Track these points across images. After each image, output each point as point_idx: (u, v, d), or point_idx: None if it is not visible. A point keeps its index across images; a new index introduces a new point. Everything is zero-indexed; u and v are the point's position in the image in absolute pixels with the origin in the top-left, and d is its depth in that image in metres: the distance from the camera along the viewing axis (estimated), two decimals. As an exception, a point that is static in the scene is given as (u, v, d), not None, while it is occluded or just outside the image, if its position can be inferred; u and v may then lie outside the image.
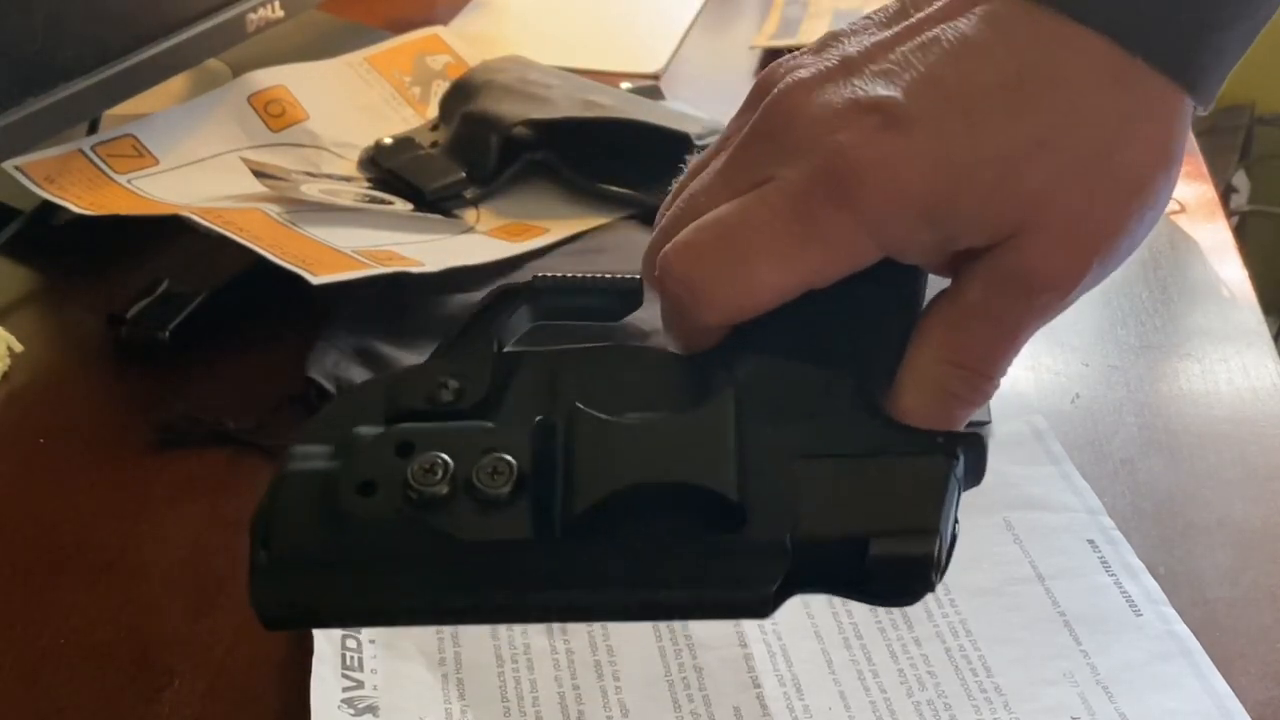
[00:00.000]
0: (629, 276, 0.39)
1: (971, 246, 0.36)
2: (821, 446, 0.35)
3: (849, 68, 0.36)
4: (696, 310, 0.36)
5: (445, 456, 0.34)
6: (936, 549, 0.34)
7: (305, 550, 0.34)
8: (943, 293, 0.37)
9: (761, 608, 0.34)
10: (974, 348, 0.37)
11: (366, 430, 0.35)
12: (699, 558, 0.34)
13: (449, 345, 0.38)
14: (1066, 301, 0.36)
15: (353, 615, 0.36)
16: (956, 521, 0.35)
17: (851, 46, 0.37)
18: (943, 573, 0.35)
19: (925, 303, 0.38)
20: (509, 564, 0.34)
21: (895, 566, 0.34)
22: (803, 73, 0.37)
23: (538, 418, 0.35)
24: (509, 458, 0.34)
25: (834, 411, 0.36)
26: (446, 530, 0.34)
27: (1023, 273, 0.35)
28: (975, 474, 0.36)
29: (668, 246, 0.37)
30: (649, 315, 0.40)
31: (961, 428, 0.37)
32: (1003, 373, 0.37)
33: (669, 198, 0.40)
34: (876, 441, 0.35)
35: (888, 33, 0.37)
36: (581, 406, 0.35)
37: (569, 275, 0.39)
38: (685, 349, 0.38)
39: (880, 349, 0.37)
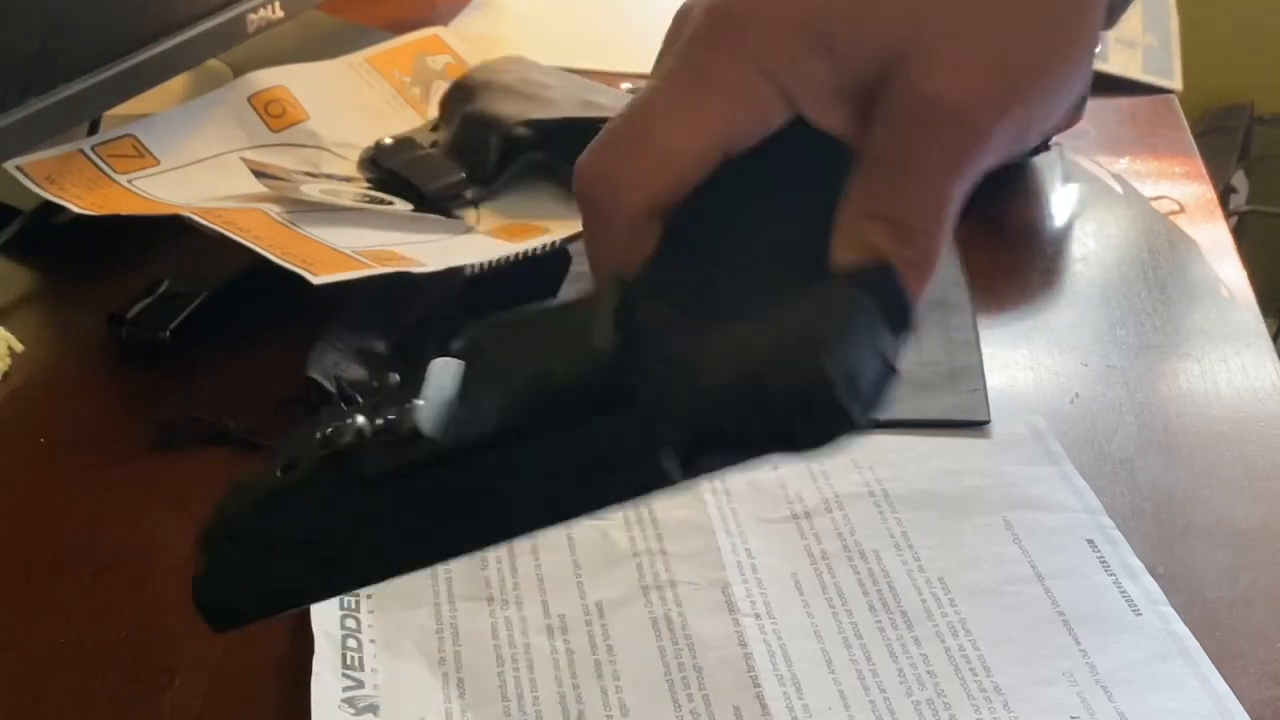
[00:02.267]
0: (551, 240, 0.40)
1: (867, 84, 0.34)
2: (731, 314, 0.34)
3: None
4: (617, 200, 0.36)
5: (357, 415, 0.35)
6: (834, 366, 0.31)
7: (235, 536, 0.36)
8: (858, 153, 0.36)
9: (668, 475, 0.33)
10: (894, 198, 0.34)
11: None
12: (601, 444, 0.33)
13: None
14: (983, 134, 0.33)
15: (294, 590, 0.36)
16: (888, 359, 0.33)
17: None
18: (869, 406, 0.32)
19: None
20: (422, 494, 0.34)
21: (797, 396, 0.31)
22: None
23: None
24: (416, 400, 0.35)
25: (757, 293, 0.35)
26: (357, 470, 0.34)
27: (921, 99, 0.33)
28: (900, 312, 0.34)
29: (579, 158, 0.37)
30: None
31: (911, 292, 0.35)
32: (938, 226, 0.34)
33: None
34: (785, 298, 0.34)
35: None
36: (474, 331, 0.36)
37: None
38: (614, 267, 0.37)
39: (810, 243, 0.36)
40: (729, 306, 0.35)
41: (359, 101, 0.91)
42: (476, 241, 0.80)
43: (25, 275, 0.80)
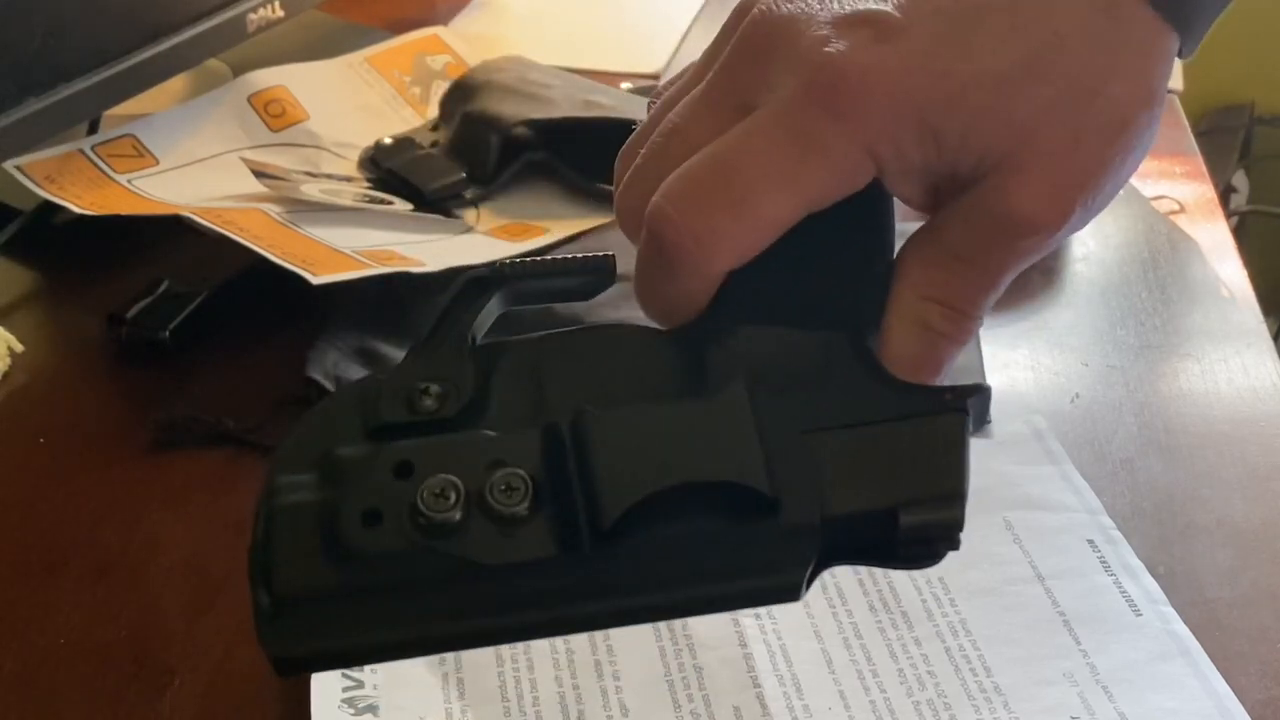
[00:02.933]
0: (600, 254, 0.38)
1: (955, 173, 0.35)
2: (833, 417, 0.34)
3: None
4: (704, 259, 0.35)
5: (454, 479, 0.33)
6: (963, 511, 0.34)
7: (313, 588, 0.32)
8: (921, 230, 0.37)
9: (795, 592, 0.33)
10: (955, 287, 0.36)
11: (350, 451, 0.34)
12: (731, 551, 0.33)
13: (421, 345, 0.36)
14: (1050, 245, 0.36)
15: (373, 652, 0.34)
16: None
17: None
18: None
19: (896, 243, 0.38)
20: (537, 582, 0.32)
21: (924, 533, 0.34)
22: None
23: (541, 423, 0.34)
24: (521, 472, 0.33)
25: (837, 377, 0.35)
26: (467, 556, 0.32)
27: (1006, 215, 0.35)
28: (980, 421, 0.36)
29: (659, 196, 0.35)
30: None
31: (949, 367, 0.37)
32: (986, 311, 0.37)
33: (636, 134, 0.39)
34: (886, 405, 0.35)
35: None
36: (589, 407, 0.33)
37: (537, 259, 0.38)
38: (671, 314, 0.36)
39: (862, 293, 0.37)
40: (800, 368, 0.35)
41: (359, 101, 0.91)
42: (476, 241, 0.80)
43: (25, 275, 0.80)
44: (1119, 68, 0.34)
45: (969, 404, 0.35)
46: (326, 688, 0.53)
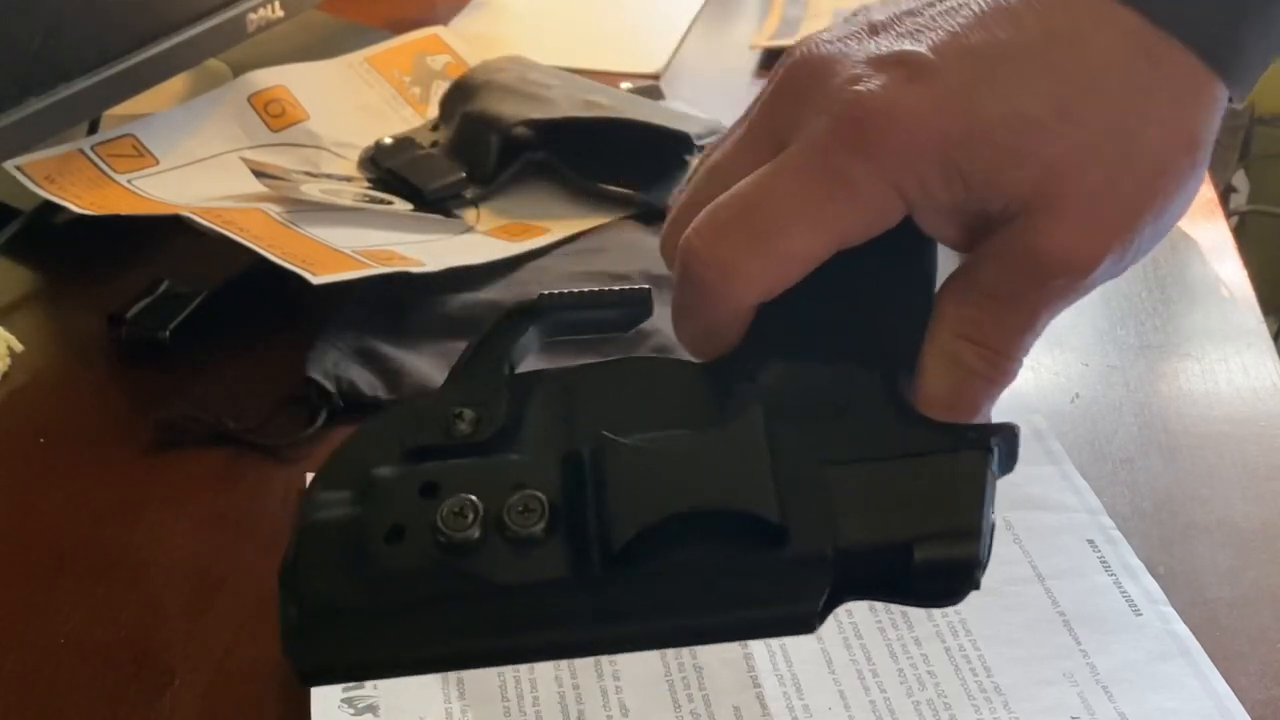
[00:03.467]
0: (638, 287, 0.38)
1: (988, 213, 0.35)
2: (854, 451, 0.35)
3: (875, 29, 0.36)
4: (729, 291, 0.35)
5: (474, 498, 0.34)
6: (980, 549, 0.34)
7: (337, 603, 0.34)
8: (958, 269, 0.37)
9: (809, 623, 0.34)
10: (990, 326, 0.36)
11: (386, 471, 0.35)
12: (743, 579, 0.33)
13: (459, 371, 0.37)
14: (1085, 286, 0.35)
15: (390, 666, 0.35)
16: (993, 512, 0.35)
17: (878, 14, 0.37)
18: (985, 568, 0.34)
19: (938, 280, 0.38)
20: (549, 604, 0.33)
21: (940, 570, 0.34)
22: (827, 36, 0.37)
23: (564, 450, 0.35)
24: (539, 494, 0.34)
25: (863, 411, 0.35)
26: (481, 575, 0.33)
27: (1037, 254, 0.34)
28: (1009, 462, 0.36)
29: (689, 230, 0.36)
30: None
31: (986, 409, 0.37)
32: (1024, 352, 0.37)
33: (689, 175, 0.40)
34: (909, 441, 0.35)
35: (915, 2, 0.37)
36: (609, 435, 0.34)
37: (577, 291, 0.38)
38: (703, 346, 0.37)
39: (900, 333, 0.37)
40: (826, 400, 0.36)
41: (359, 101, 0.91)
42: (477, 241, 0.80)
43: (25, 275, 0.80)
44: (1156, 112, 0.34)
45: (995, 443, 0.35)
46: (326, 687, 0.53)
